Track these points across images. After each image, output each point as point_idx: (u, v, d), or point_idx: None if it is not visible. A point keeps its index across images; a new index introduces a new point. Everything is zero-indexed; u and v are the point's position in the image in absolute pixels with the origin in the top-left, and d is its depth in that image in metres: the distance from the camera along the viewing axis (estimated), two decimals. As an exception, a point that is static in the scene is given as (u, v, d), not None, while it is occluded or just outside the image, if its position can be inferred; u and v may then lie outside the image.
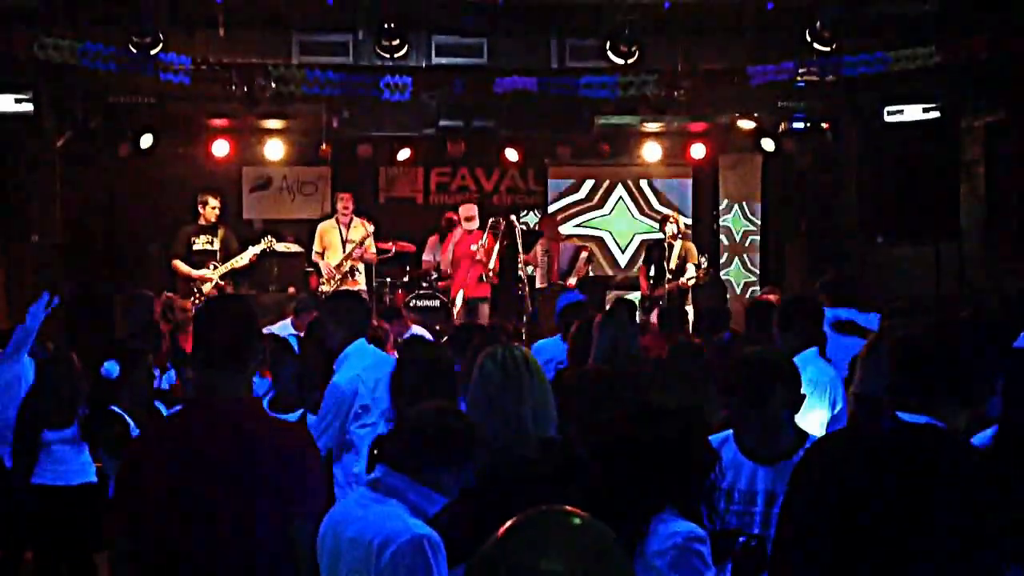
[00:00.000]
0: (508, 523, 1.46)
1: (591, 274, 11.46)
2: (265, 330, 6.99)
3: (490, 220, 10.71)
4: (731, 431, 3.18)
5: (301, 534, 2.75)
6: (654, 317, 9.09)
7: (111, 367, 5.61)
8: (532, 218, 13.04)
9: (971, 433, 2.90)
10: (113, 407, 5.29)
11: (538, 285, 11.00)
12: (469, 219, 10.60)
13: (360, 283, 10.27)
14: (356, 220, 10.30)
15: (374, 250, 10.48)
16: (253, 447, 2.77)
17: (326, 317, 4.96)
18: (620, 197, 13.19)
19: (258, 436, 2.81)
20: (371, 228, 10.28)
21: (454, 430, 2.82)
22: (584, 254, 11.12)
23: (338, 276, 10.02)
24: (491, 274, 10.39)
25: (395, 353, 5.69)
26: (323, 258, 10.23)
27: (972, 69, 8.90)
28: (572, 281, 10.86)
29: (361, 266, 10.36)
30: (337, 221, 10.31)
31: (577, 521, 1.47)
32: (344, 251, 10.14)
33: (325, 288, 9.95)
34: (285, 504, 2.75)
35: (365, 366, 4.69)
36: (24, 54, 8.39)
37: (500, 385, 3.23)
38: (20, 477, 5.37)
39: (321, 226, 10.44)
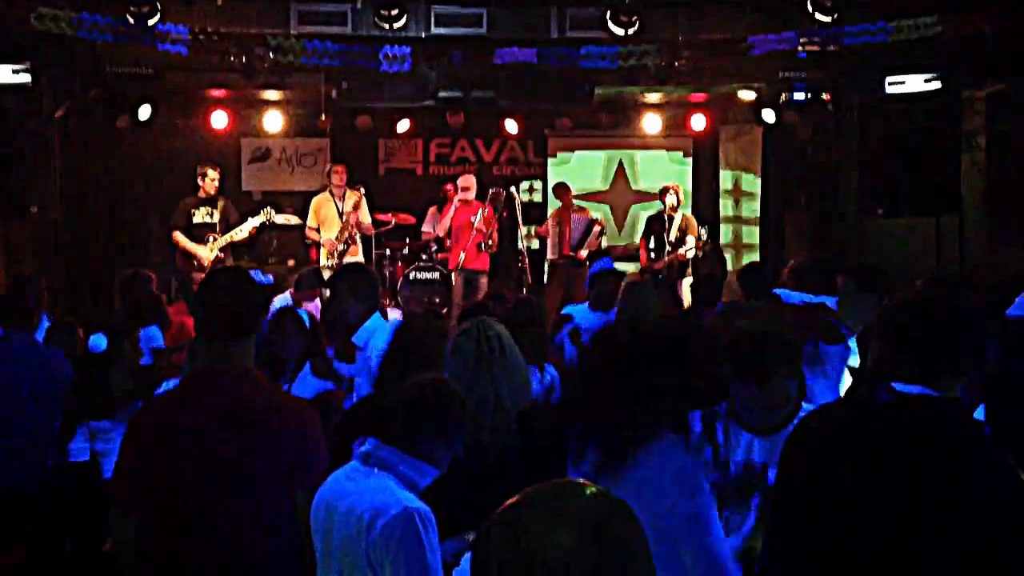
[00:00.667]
0: (516, 496, 1.45)
1: (603, 246, 11.46)
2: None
3: (490, 191, 10.67)
4: (723, 403, 3.17)
5: (303, 505, 2.78)
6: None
7: (98, 340, 5.57)
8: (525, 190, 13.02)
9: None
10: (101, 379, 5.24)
11: (549, 256, 10.99)
12: (466, 189, 10.53)
13: (359, 251, 10.22)
14: (348, 191, 10.24)
15: (369, 220, 10.37)
16: (253, 418, 2.79)
17: (344, 292, 4.93)
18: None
19: (258, 407, 2.82)
20: (360, 191, 10.22)
21: (442, 401, 2.84)
22: (597, 228, 11.10)
23: (340, 247, 9.99)
24: (491, 243, 10.33)
25: None
26: (319, 233, 10.15)
27: (974, 40, 8.84)
28: (583, 253, 10.86)
29: (359, 235, 10.31)
30: (331, 194, 10.24)
31: (589, 492, 1.45)
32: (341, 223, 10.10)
33: (326, 262, 9.92)
34: (287, 474, 2.76)
35: None
36: (21, 25, 8.33)
37: (474, 364, 3.28)
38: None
39: (316, 200, 10.35)
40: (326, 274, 9.34)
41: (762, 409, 3.09)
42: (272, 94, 11.33)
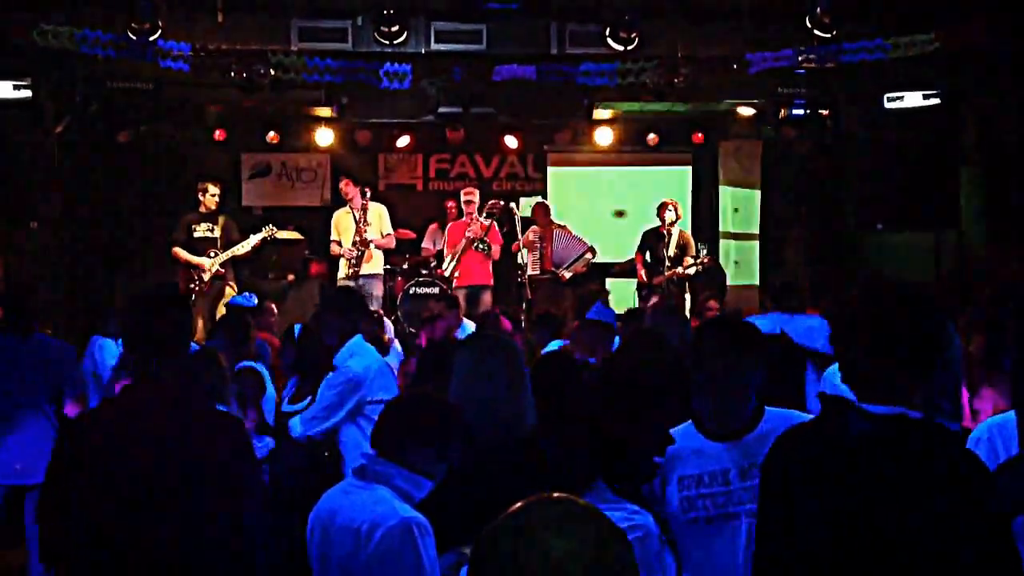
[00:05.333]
0: (514, 506, 1.49)
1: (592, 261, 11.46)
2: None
3: (488, 202, 10.65)
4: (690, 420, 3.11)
5: (243, 519, 2.77)
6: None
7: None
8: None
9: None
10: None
11: (530, 272, 10.94)
12: (469, 203, 10.54)
13: (373, 257, 10.15)
14: (372, 205, 10.16)
15: (384, 233, 10.28)
16: (181, 435, 2.79)
17: (325, 311, 4.92)
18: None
19: (184, 424, 2.83)
20: (384, 212, 10.22)
21: (433, 413, 2.86)
22: (589, 256, 11.11)
23: (355, 253, 9.94)
24: (485, 245, 10.22)
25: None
26: (340, 246, 10.12)
27: (972, 55, 8.88)
28: (567, 275, 10.86)
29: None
30: (350, 207, 10.20)
31: (580, 507, 1.50)
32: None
33: (343, 272, 9.93)
34: (220, 488, 2.75)
35: (372, 361, 4.71)
36: (23, 40, 8.37)
37: (472, 376, 3.28)
38: None
39: (336, 215, 10.31)
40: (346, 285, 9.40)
41: (724, 416, 3.08)
42: (272, 109, 11.38)
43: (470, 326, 7.96)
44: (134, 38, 8.49)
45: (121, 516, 2.72)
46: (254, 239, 9.78)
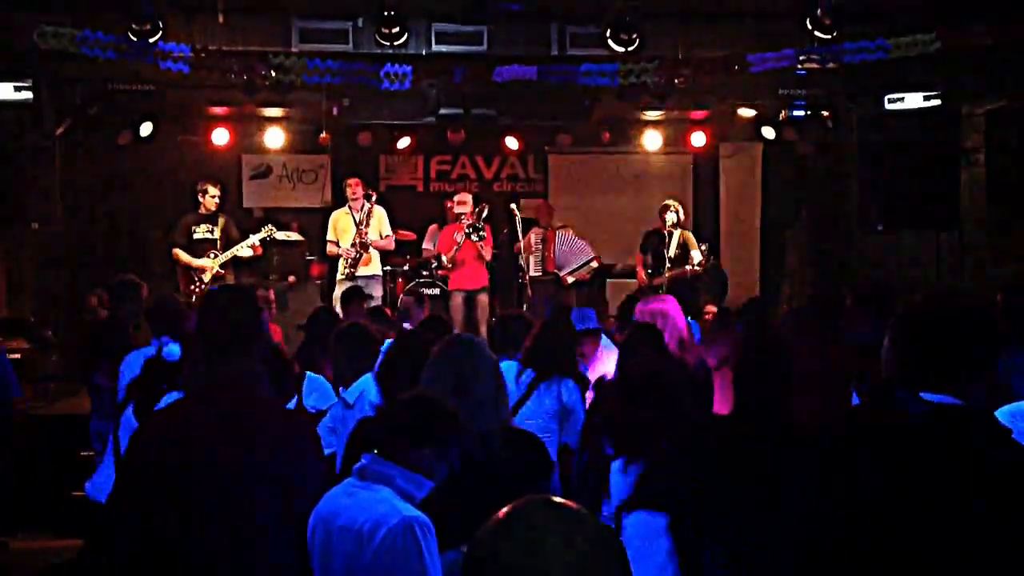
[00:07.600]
0: (507, 507, 1.49)
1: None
2: None
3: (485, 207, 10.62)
4: None
5: (303, 520, 2.77)
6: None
7: (173, 349, 5.35)
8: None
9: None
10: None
11: (532, 272, 10.90)
12: (462, 214, 10.48)
13: (372, 259, 10.16)
14: (377, 209, 10.16)
15: (383, 235, 10.28)
16: (252, 432, 2.78)
17: (335, 351, 4.71)
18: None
19: (257, 421, 2.82)
20: (383, 215, 10.21)
21: (433, 411, 2.86)
22: (595, 264, 11.09)
23: (354, 254, 9.94)
24: (481, 241, 10.09)
25: None
26: (338, 246, 10.13)
27: (973, 56, 8.87)
28: (570, 279, 10.84)
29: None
30: (349, 208, 10.21)
31: (570, 508, 1.50)
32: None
33: (342, 272, 9.93)
34: (286, 488, 2.75)
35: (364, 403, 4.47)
36: (23, 42, 8.37)
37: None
38: None
39: (334, 214, 10.33)
40: (344, 285, 9.39)
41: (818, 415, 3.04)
42: (273, 111, 11.38)
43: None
44: (135, 40, 8.47)
45: (184, 512, 2.71)
46: (253, 239, 9.78)
